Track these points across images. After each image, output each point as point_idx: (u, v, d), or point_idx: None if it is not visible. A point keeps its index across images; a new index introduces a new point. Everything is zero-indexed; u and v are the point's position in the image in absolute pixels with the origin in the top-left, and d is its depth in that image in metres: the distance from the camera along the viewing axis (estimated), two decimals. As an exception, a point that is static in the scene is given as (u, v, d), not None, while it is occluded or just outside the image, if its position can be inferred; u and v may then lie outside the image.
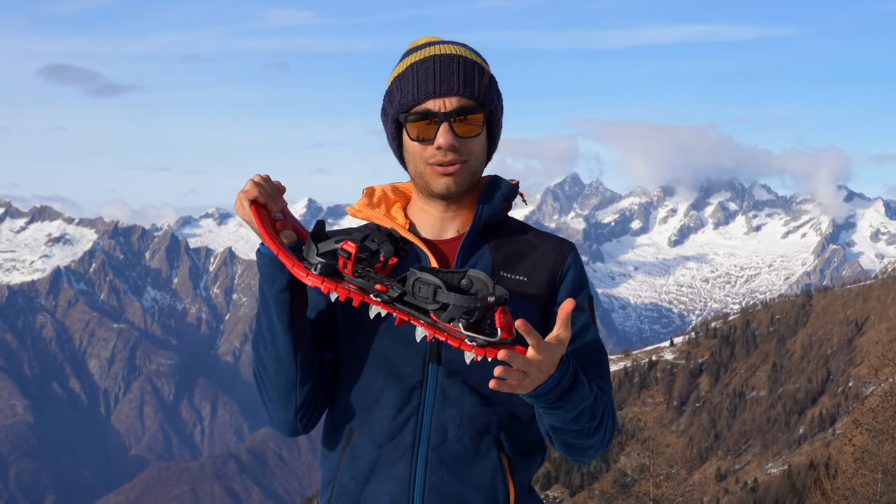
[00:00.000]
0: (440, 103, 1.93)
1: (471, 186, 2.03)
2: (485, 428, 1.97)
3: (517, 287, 1.98)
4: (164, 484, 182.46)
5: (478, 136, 1.97)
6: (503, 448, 1.98)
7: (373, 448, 1.99)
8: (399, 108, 1.98)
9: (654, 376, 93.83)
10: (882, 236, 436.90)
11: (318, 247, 1.84)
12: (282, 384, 1.96)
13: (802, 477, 39.23)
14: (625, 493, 31.65)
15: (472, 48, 2.05)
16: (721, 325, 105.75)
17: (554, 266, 2.01)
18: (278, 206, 1.90)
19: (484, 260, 2.01)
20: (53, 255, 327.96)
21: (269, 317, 1.93)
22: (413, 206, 2.12)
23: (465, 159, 1.97)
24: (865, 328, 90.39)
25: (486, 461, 1.96)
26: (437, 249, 2.05)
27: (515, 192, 2.07)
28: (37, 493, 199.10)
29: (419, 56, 1.99)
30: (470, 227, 2.03)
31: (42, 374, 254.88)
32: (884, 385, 23.91)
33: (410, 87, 1.96)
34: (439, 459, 1.94)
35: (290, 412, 1.99)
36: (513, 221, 2.11)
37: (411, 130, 1.97)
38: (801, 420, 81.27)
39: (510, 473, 1.98)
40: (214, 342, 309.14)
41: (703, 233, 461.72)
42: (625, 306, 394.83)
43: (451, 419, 1.95)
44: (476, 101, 1.95)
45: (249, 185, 1.86)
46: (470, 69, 1.96)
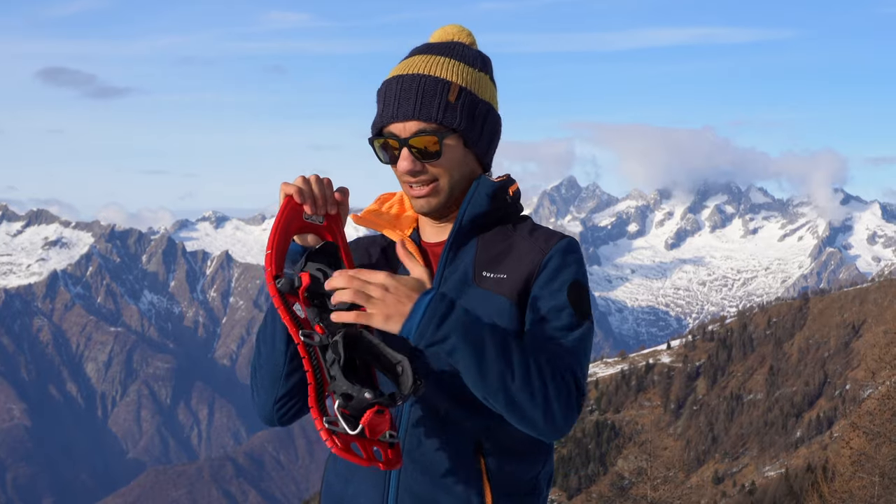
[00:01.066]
0: (400, 127, 1.93)
1: (451, 201, 2.01)
2: (462, 432, 1.95)
3: (496, 285, 1.97)
4: (162, 487, 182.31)
5: (441, 156, 1.95)
6: (482, 452, 1.96)
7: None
8: (371, 129, 2.01)
9: (651, 379, 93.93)
10: (879, 239, 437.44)
11: (307, 263, 1.83)
12: (270, 372, 2.00)
13: (800, 480, 39.28)
14: (622, 496, 31.78)
15: (462, 51, 2.03)
16: (718, 328, 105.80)
17: (535, 259, 1.98)
18: (321, 212, 1.89)
19: (467, 260, 2.01)
20: (50, 259, 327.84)
21: (275, 326, 1.96)
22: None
23: (434, 178, 1.96)
24: (862, 331, 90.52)
25: (461, 466, 1.94)
26: (436, 255, 2.07)
27: (504, 189, 2.04)
28: (34, 497, 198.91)
29: (392, 73, 2.01)
30: (451, 231, 2.03)
31: (39, 377, 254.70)
32: (881, 388, 24.03)
33: (379, 109, 1.98)
34: (413, 462, 1.94)
35: (270, 400, 2.03)
36: (515, 219, 2.08)
37: (377, 154, 2.00)
38: (798, 423, 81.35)
39: (487, 478, 1.95)
40: (211, 345, 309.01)
41: (700, 236, 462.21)
42: (622, 309, 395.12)
43: (427, 423, 1.95)
44: (435, 123, 1.93)
45: (296, 181, 1.87)
46: (431, 89, 1.94)
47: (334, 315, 1.71)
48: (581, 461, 76.22)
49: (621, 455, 75.61)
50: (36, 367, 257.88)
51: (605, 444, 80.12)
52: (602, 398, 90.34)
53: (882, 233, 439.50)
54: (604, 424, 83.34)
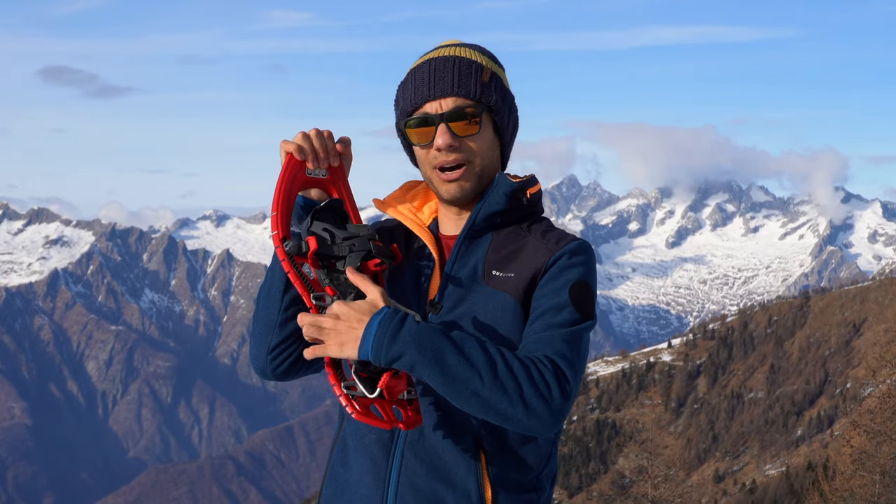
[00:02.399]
0: (436, 105, 1.94)
1: (479, 189, 2.01)
2: (463, 425, 1.95)
3: (503, 283, 1.97)
4: (162, 486, 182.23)
5: (478, 133, 1.96)
6: (483, 446, 1.96)
7: (356, 440, 2.03)
8: (401, 115, 2.01)
9: (652, 378, 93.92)
10: (879, 238, 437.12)
11: (313, 222, 1.82)
12: (265, 319, 2.03)
13: (801, 478, 39.22)
14: (623, 495, 31.76)
15: (482, 49, 2.05)
16: (719, 327, 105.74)
17: (543, 259, 1.97)
18: (324, 165, 1.91)
19: (477, 257, 2.01)
20: (51, 258, 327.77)
21: (276, 264, 1.99)
22: (440, 204, 2.13)
23: (468, 159, 1.97)
24: (863, 330, 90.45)
25: (462, 459, 1.95)
26: (442, 246, 2.08)
27: (522, 190, 2.03)
28: (35, 496, 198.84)
29: (419, 62, 2.02)
30: (464, 226, 2.02)
31: (40, 376, 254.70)
32: (881, 386, 23.98)
33: (410, 93, 1.99)
34: (415, 455, 1.95)
35: (263, 349, 2.05)
36: (533, 219, 2.08)
37: (411, 136, 1.99)
38: (799, 421, 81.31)
39: (486, 472, 1.95)
40: (212, 344, 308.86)
41: (701, 234, 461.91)
42: (622, 308, 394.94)
43: (430, 415, 1.95)
44: (473, 100, 1.94)
45: (296, 138, 1.90)
46: (466, 68, 1.96)
47: (307, 352, 1.74)
48: (582, 459, 76.23)
49: (622, 453, 75.47)
50: (37, 365, 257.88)
51: (605, 442, 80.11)
52: (603, 397, 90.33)
53: (883, 231, 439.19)
54: (604, 423, 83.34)
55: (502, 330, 1.93)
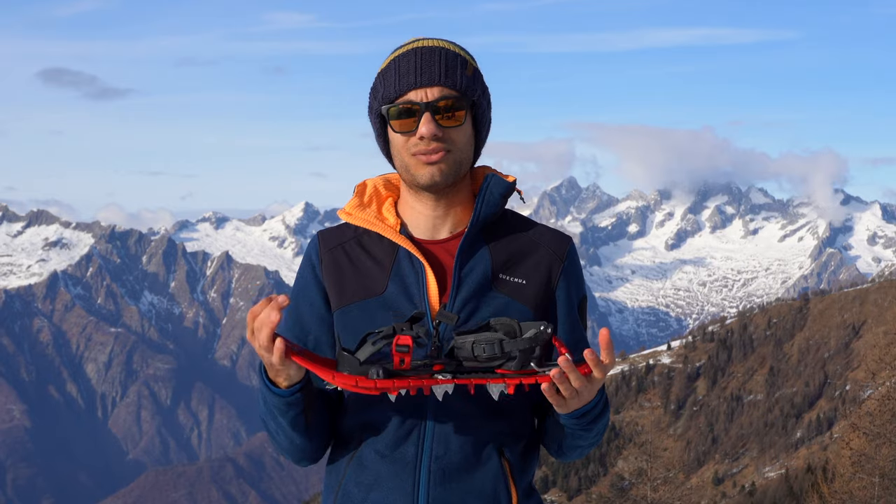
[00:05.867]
0: (422, 94, 1.92)
1: (456, 178, 1.99)
2: (486, 437, 1.96)
3: (516, 290, 1.97)
4: (162, 488, 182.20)
5: (460, 126, 1.95)
6: (504, 454, 1.98)
7: (377, 458, 1.98)
8: (382, 101, 1.97)
9: (652, 380, 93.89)
10: (879, 240, 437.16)
11: (357, 357, 1.75)
12: (294, 452, 2.03)
13: (800, 481, 39.23)
14: (622, 497, 31.70)
15: (459, 45, 2.04)
16: (718, 329, 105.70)
17: (552, 266, 2.00)
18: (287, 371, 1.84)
19: (483, 262, 1.99)
20: (50, 260, 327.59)
21: (279, 424, 1.95)
22: (404, 203, 2.08)
23: (448, 150, 1.94)
24: (862, 332, 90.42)
25: (488, 469, 1.96)
26: (430, 253, 2.03)
27: (512, 190, 2.05)
28: (34, 498, 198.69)
29: (401, 51, 1.99)
30: (468, 227, 2.00)
31: (39, 378, 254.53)
32: (881, 388, 23.98)
33: (393, 79, 1.95)
34: (441, 471, 1.94)
35: (299, 459, 2.07)
36: (512, 217, 2.09)
37: (394, 123, 1.95)
38: (798, 424, 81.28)
39: (512, 479, 1.98)
40: (212, 346, 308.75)
41: (700, 236, 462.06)
42: (622, 310, 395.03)
43: (453, 430, 1.95)
44: (458, 92, 1.93)
45: (266, 315, 1.72)
46: (452, 60, 1.95)
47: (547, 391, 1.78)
48: (581, 462, 76.17)
49: (621, 456, 75.19)
50: (36, 367, 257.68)
51: (604, 444, 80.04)
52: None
53: (882, 233, 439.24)
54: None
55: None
